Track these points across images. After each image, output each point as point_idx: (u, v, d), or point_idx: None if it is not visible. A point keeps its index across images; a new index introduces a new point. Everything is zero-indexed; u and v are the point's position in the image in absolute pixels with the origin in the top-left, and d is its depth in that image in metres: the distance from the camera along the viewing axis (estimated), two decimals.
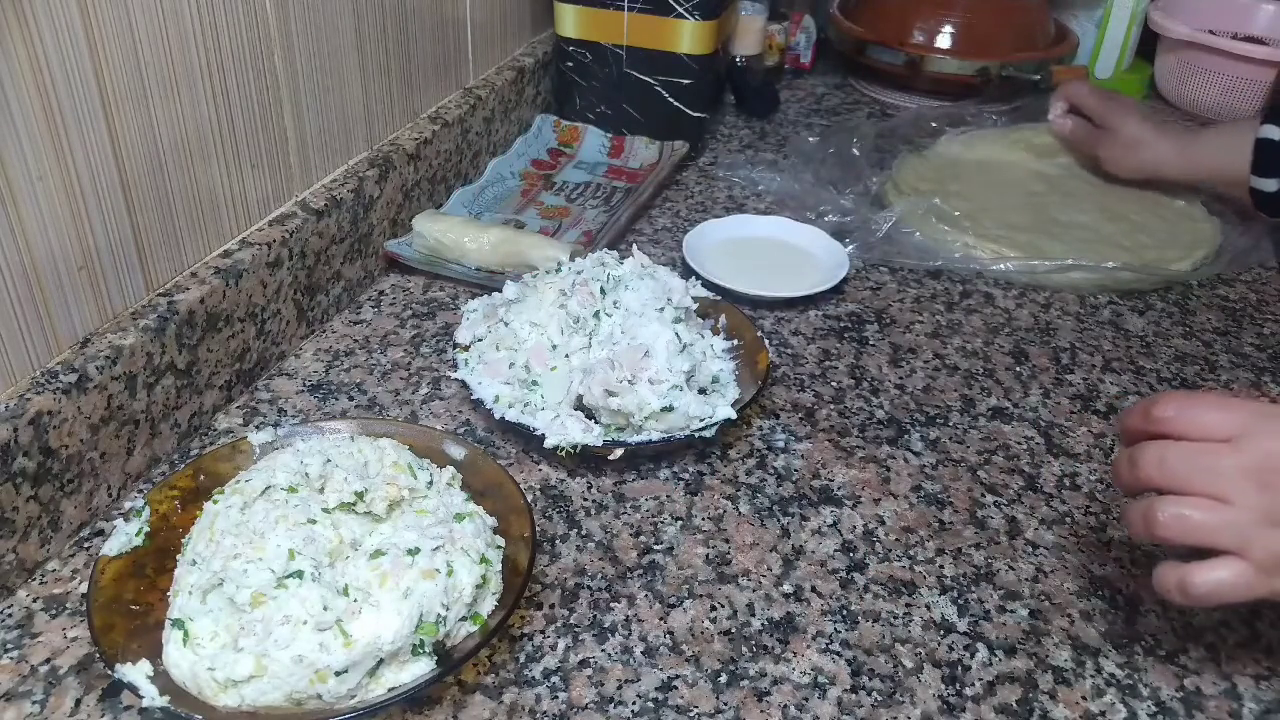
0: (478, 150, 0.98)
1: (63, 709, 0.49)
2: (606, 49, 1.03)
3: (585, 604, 0.57)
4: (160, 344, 0.61)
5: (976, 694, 0.53)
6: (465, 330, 0.72)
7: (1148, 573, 0.61)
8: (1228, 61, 1.22)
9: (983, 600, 0.59)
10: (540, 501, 0.64)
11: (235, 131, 0.68)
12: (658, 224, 0.97)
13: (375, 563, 0.50)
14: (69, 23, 0.53)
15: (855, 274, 0.90)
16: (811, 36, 1.33)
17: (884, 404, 0.74)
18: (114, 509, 0.61)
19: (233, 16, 0.65)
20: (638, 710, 0.51)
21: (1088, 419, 0.74)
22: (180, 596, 0.49)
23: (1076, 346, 0.82)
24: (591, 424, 0.65)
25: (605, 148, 1.07)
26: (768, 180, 1.03)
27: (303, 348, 0.76)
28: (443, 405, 0.72)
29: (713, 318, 0.75)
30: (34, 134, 0.53)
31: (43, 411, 0.54)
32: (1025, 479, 0.68)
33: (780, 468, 0.68)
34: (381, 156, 0.83)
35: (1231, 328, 0.86)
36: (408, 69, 0.87)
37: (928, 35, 1.24)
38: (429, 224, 0.84)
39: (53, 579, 0.56)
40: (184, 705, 0.46)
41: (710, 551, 0.61)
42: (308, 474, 0.54)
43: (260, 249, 0.69)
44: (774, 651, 0.55)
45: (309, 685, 0.46)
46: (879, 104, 1.28)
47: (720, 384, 0.69)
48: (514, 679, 0.52)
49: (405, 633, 0.47)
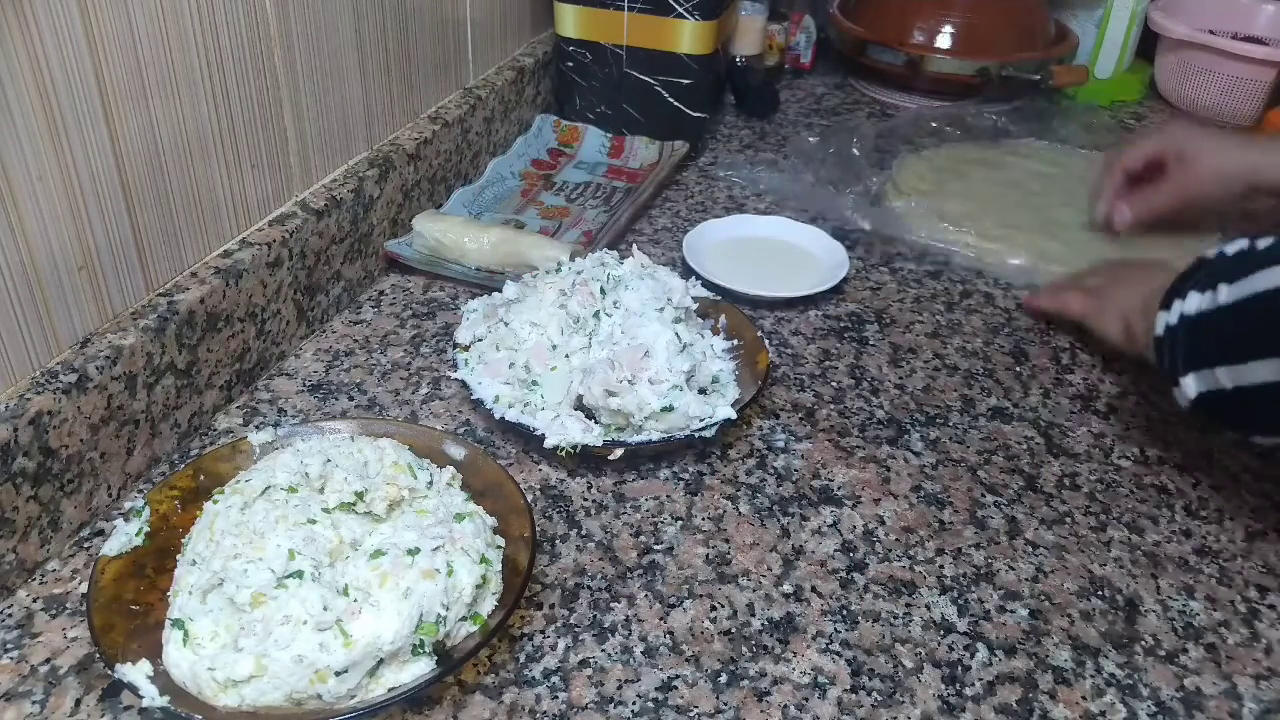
0: (478, 150, 0.98)
1: (63, 709, 0.49)
2: (606, 49, 1.03)
3: (585, 604, 0.57)
4: (160, 344, 0.61)
5: (976, 694, 0.53)
6: (465, 330, 0.72)
7: (1148, 573, 0.61)
8: (1228, 61, 1.22)
9: (983, 600, 0.59)
10: (540, 501, 0.64)
11: (235, 131, 0.68)
12: (658, 224, 0.97)
13: (375, 563, 0.50)
14: (69, 23, 0.53)
15: (855, 274, 0.90)
16: (811, 36, 1.33)
17: (884, 404, 0.74)
18: (114, 509, 0.61)
19: (233, 16, 0.65)
20: (638, 710, 0.51)
21: (1088, 419, 0.74)
22: (180, 596, 0.49)
23: (1076, 346, 0.82)
24: (591, 424, 0.65)
25: (605, 148, 1.07)
26: (768, 180, 1.03)
27: (303, 348, 0.76)
28: (443, 405, 0.72)
29: (713, 318, 0.75)
30: (34, 134, 0.53)
31: (43, 411, 0.53)
32: (1025, 479, 0.68)
33: (780, 468, 0.68)
34: (381, 156, 0.83)
35: None
36: (408, 69, 0.87)
37: (928, 35, 1.24)
38: (429, 224, 0.84)
39: (53, 579, 0.56)
40: (184, 705, 0.46)
41: (710, 551, 0.61)
42: (308, 474, 0.54)
43: (260, 249, 0.69)
44: (774, 651, 0.55)
45: (309, 685, 0.46)
46: (879, 104, 1.28)
47: (720, 384, 0.69)
48: (514, 679, 0.52)
49: (405, 633, 0.47)
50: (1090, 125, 1.22)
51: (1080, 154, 1.12)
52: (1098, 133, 1.20)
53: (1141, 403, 0.76)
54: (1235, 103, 1.24)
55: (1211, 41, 1.22)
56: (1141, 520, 0.65)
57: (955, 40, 1.23)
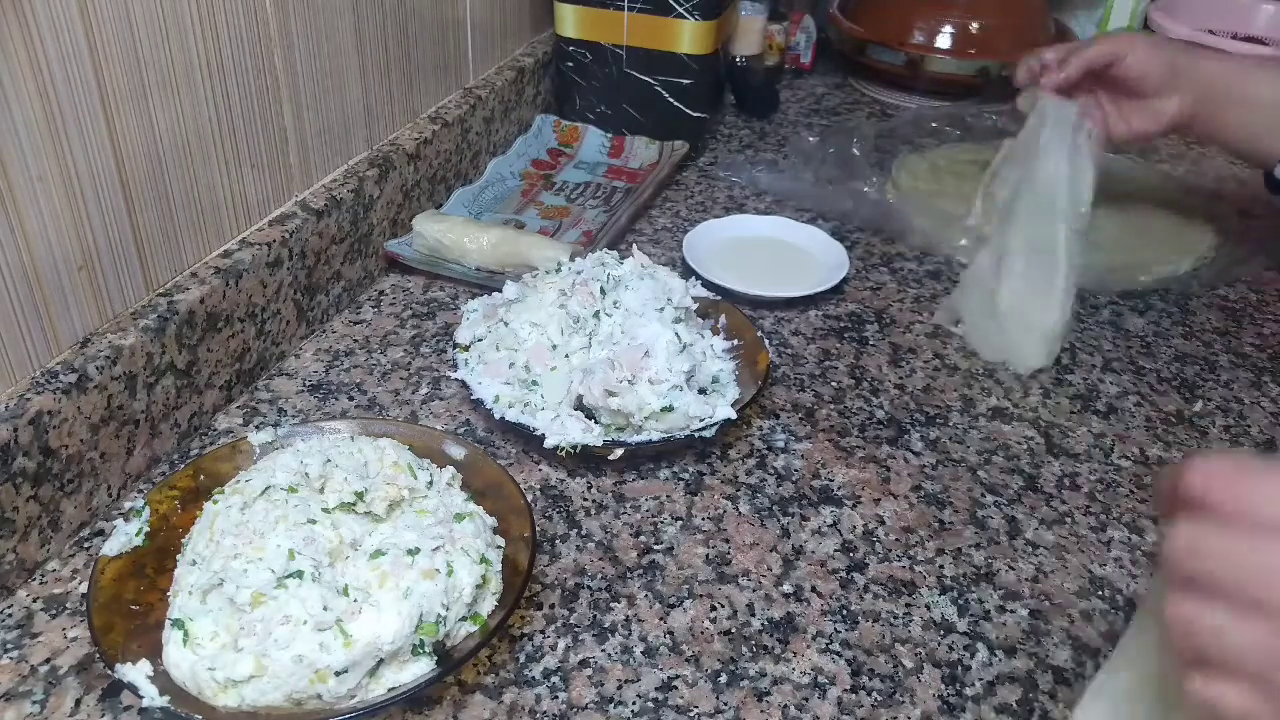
0: (478, 150, 0.98)
1: (63, 709, 0.49)
2: (606, 49, 1.03)
3: (585, 604, 0.57)
4: (160, 344, 0.61)
5: (976, 694, 0.53)
6: (465, 330, 0.72)
7: (1148, 573, 0.61)
8: None
9: (983, 600, 0.59)
10: (540, 501, 0.64)
11: (235, 131, 0.68)
12: (658, 224, 0.97)
13: (375, 563, 0.50)
14: (69, 23, 0.53)
15: (855, 274, 0.90)
16: (811, 36, 1.33)
17: (884, 404, 0.74)
18: (114, 509, 0.61)
19: (233, 16, 0.65)
20: (638, 710, 0.51)
21: (1088, 419, 0.74)
22: (180, 596, 0.49)
23: (1076, 346, 0.82)
24: (591, 424, 0.65)
25: (605, 148, 1.07)
26: (768, 180, 1.03)
27: (303, 348, 0.76)
28: (443, 405, 0.72)
29: (713, 318, 0.75)
30: (34, 134, 0.53)
31: (43, 411, 0.54)
32: (1025, 479, 0.68)
33: (780, 468, 0.68)
34: (381, 156, 0.83)
35: (1231, 328, 0.86)
36: (408, 69, 0.87)
37: (928, 35, 1.24)
38: (429, 224, 0.84)
39: (53, 579, 0.56)
40: (184, 705, 0.46)
41: (710, 551, 0.61)
42: (308, 474, 0.54)
43: (260, 249, 0.69)
44: (774, 651, 0.55)
45: (309, 685, 0.46)
46: (879, 104, 1.28)
47: (720, 384, 0.69)
48: (514, 679, 0.52)
49: (405, 633, 0.47)
50: None
51: None
52: None
53: (1141, 403, 0.76)
54: None
55: (1211, 41, 1.22)
56: (1141, 520, 0.65)
57: (955, 40, 1.23)
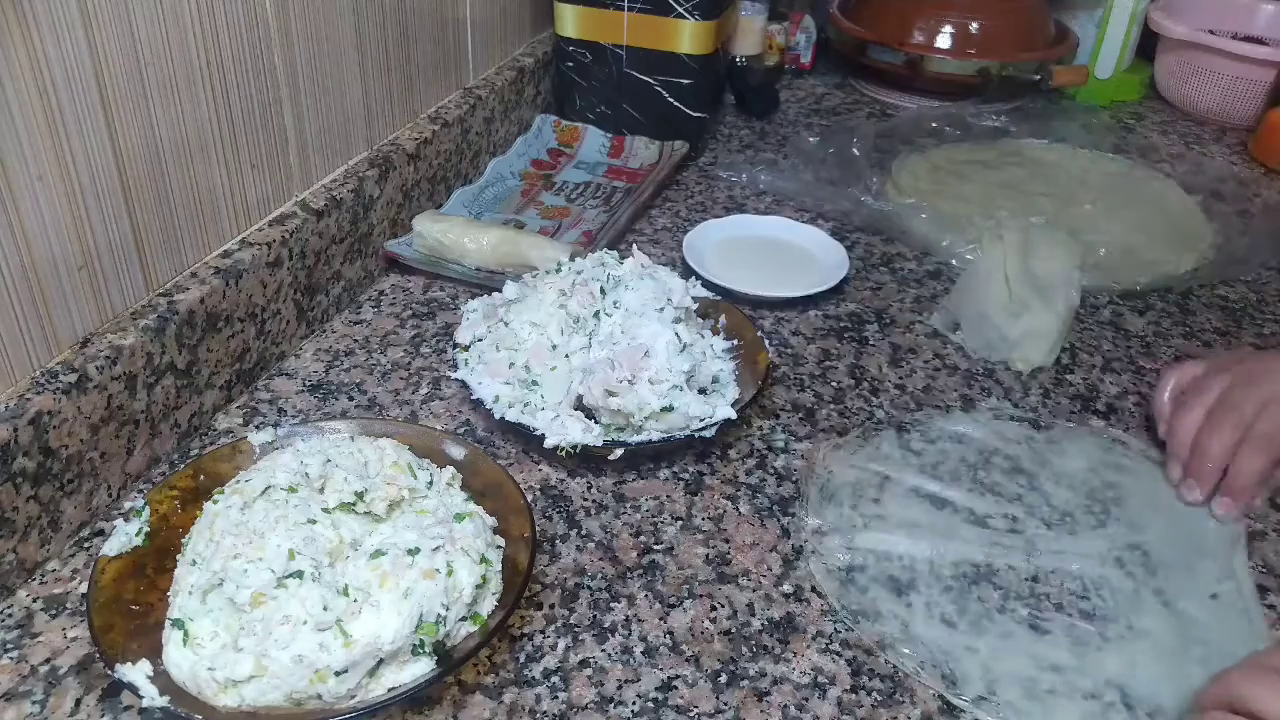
0: (478, 150, 0.98)
1: (63, 709, 0.49)
2: (606, 49, 1.03)
3: (585, 604, 0.57)
4: (160, 344, 0.61)
5: (977, 694, 0.53)
6: (465, 330, 0.72)
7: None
8: (1228, 61, 1.22)
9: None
10: (540, 501, 0.64)
11: (235, 131, 0.68)
12: (658, 224, 0.97)
13: (375, 563, 0.50)
14: (69, 23, 0.53)
15: (855, 274, 0.90)
16: (811, 36, 1.33)
17: (884, 404, 0.74)
18: (114, 509, 0.61)
19: (233, 16, 0.65)
20: (638, 710, 0.51)
21: (1088, 419, 0.74)
22: (180, 596, 0.49)
23: (1076, 346, 0.82)
24: (591, 424, 0.65)
25: (605, 148, 1.07)
26: (768, 180, 1.03)
27: (303, 348, 0.76)
28: (443, 405, 0.72)
29: (713, 318, 0.75)
30: (34, 134, 0.53)
31: (43, 411, 0.53)
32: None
33: (780, 468, 0.68)
34: (381, 156, 0.83)
35: (1231, 328, 0.86)
36: (408, 69, 0.87)
37: (928, 35, 1.24)
38: (429, 224, 0.84)
39: (53, 579, 0.56)
40: (184, 705, 0.46)
41: (710, 551, 0.61)
42: (308, 474, 0.54)
43: (260, 249, 0.69)
44: (774, 651, 0.55)
45: (309, 685, 0.46)
46: (879, 104, 1.28)
47: (720, 384, 0.69)
48: (514, 679, 0.52)
49: (405, 633, 0.47)
50: (1090, 125, 1.22)
51: (1080, 154, 1.12)
52: (1098, 133, 1.20)
53: (1141, 403, 0.76)
54: (1235, 103, 1.24)
55: (1211, 41, 1.22)
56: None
57: (955, 40, 1.23)
